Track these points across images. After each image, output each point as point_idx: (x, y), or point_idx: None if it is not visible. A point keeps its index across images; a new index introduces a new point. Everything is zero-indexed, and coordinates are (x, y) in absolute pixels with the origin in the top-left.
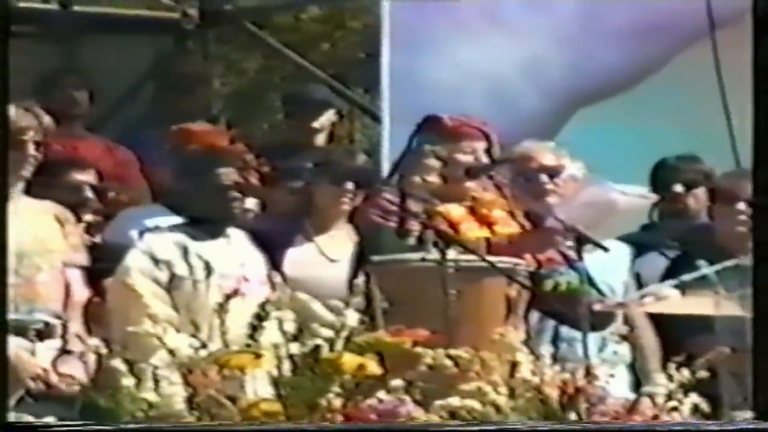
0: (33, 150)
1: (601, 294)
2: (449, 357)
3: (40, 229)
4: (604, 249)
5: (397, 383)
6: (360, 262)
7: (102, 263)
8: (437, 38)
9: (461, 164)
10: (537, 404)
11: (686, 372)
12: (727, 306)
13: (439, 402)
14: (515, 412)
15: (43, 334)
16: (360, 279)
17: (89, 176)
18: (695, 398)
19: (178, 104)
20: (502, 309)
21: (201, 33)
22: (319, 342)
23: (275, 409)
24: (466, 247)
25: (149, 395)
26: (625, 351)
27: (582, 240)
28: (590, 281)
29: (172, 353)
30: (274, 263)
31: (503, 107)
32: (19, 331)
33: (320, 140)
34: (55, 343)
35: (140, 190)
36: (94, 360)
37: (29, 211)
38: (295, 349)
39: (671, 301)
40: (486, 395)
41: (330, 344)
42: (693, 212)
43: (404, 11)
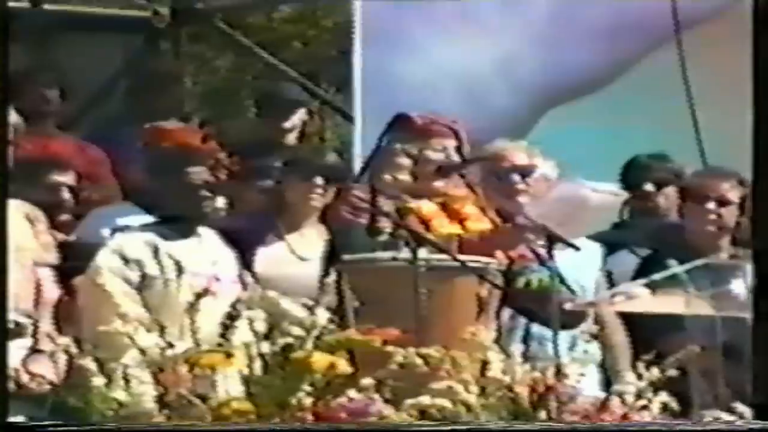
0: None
1: (572, 292)
2: (420, 356)
3: (10, 228)
4: (575, 248)
5: (368, 382)
6: (331, 261)
7: (72, 262)
8: (410, 36)
9: (432, 162)
10: (507, 403)
11: (656, 371)
12: (698, 305)
13: (410, 401)
14: (486, 411)
15: (14, 334)
16: (331, 278)
17: (64, 176)
18: (665, 397)
19: (150, 103)
20: (473, 308)
21: (173, 31)
22: (290, 341)
23: (246, 408)
24: (438, 246)
25: (120, 394)
26: (596, 350)
27: (553, 239)
28: (561, 279)
29: (143, 352)
30: (246, 262)
31: (476, 105)
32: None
33: (291, 139)
34: (26, 343)
35: (111, 189)
36: (65, 359)
37: None
38: (266, 348)
39: (642, 300)
40: (457, 394)
41: (300, 343)
42: (664, 211)
43: (377, 9)
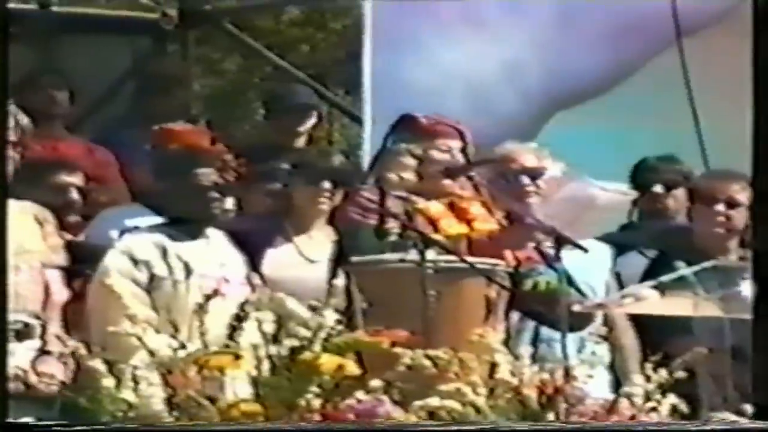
0: (9, 150)
1: (581, 294)
2: (428, 357)
3: (19, 230)
4: (584, 250)
5: (376, 384)
6: (339, 263)
7: (81, 264)
8: (418, 40)
9: (437, 162)
10: (516, 405)
11: (664, 372)
12: (706, 307)
13: (418, 402)
14: (494, 413)
15: (22, 335)
16: (339, 279)
17: (73, 177)
18: (673, 399)
19: (158, 105)
20: (481, 310)
21: (180, 34)
22: (298, 342)
23: (254, 410)
24: (446, 248)
25: (129, 395)
26: (604, 351)
27: (561, 241)
28: (570, 281)
29: (152, 354)
30: (254, 264)
31: (483, 109)
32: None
33: (301, 142)
34: (34, 344)
35: (119, 191)
36: (74, 360)
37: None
38: (274, 350)
39: (650, 302)
40: (465, 396)
41: (309, 345)
42: (672, 213)
43: (385, 12)
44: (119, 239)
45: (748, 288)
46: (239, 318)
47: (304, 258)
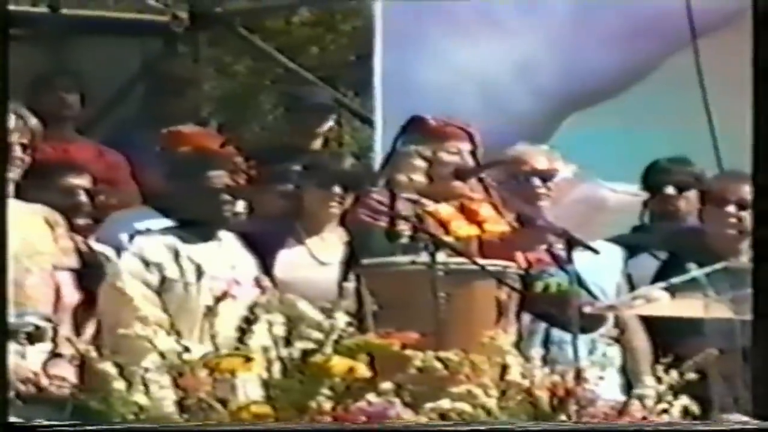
0: (20, 152)
1: (592, 296)
2: (439, 359)
3: (30, 232)
4: (595, 252)
5: (387, 386)
6: (350, 265)
7: (92, 266)
8: (429, 40)
9: (446, 164)
10: (527, 407)
11: (675, 374)
12: (717, 308)
13: (429, 404)
14: (505, 415)
15: (34, 337)
16: (350, 282)
17: (83, 180)
18: (685, 400)
19: (168, 107)
20: (492, 311)
21: (191, 36)
22: (309, 345)
23: (265, 412)
24: (456, 250)
25: (140, 398)
26: (616, 353)
27: (572, 242)
28: (580, 283)
29: (163, 356)
30: (265, 266)
31: (496, 110)
32: (10, 335)
33: (316, 144)
34: (46, 346)
35: (130, 193)
36: (85, 363)
37: (19, 214)
38: (285, 352)
39: (661, 304)
40: (476, 398)
41: (320, 347)
42: (684, 214)
43: (396, 13)
44: (130, 242)
45: None
46: (249, 320)
47: (316, 260)
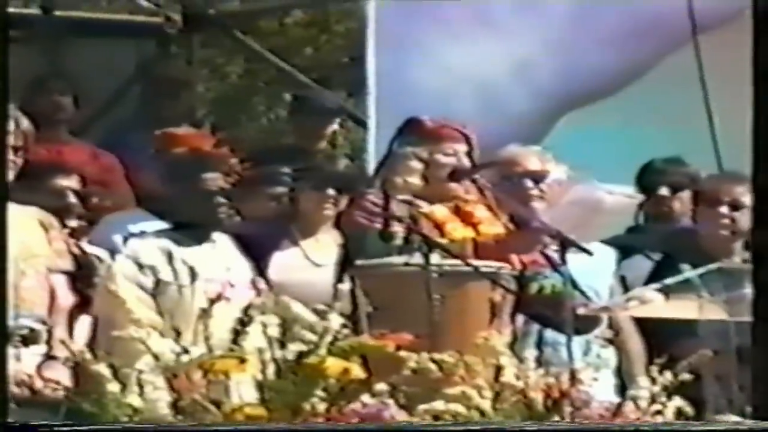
0: (12, 155)
1: (586, 297)
2: (433, 361)
3: (25, 235)
4: (589, 253)
5: (381, 387)
6: (345, 267)
7: (87, 269)
8: (423, 41)
9: (442, 165)
10: (521, 408)
11: (669, 375)
12: (711, 309)
13: (424, 406)
14: (499, 416)
15: (28, 340)
16: (345, 283)
17: (72, 181)
18: (679, 401)
19: (162, 109)
20: (486, 313)
21: (184, 37)
22: (303, 346)
23: (259, 414)
24: (450, 252)
25: (134, 400)
26: (610, 354)
27: (566, 244)
28: (574, 285)
29: (157, 358)
30: (260, 268)
31: (491, 110)
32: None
33: (321, 147)
34: (40, 349)
35: (124, 196)
36: (79, 365)
37: (13, 217)
38: (279, 354)
39: (655, 305)
40: (470, 399)
41: (314, 348)
42: (678, 215)
43: (390, 14)
44: (124, 244)
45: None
46: (243, 322)
47: (310, 262)
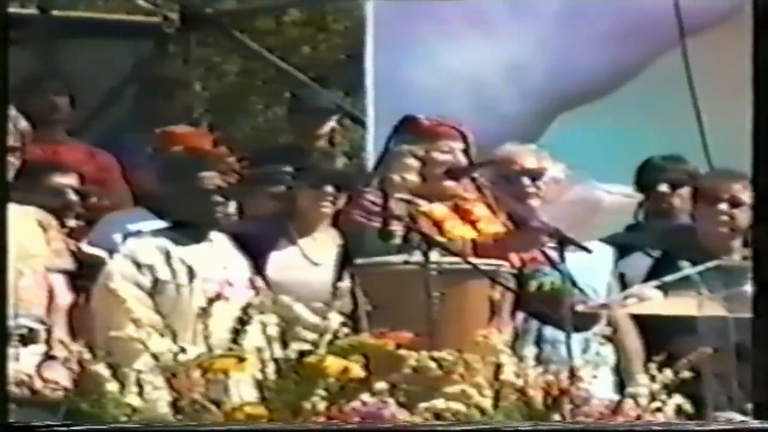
0: (9, 155)
1: (584, 295)
2: (433, 359)
3: (23, 235)
4: (588, 251)
5: (381, 386)
6: (344, 265)
7: (85, 268)
8: (420, 41)
9: (439, 163)
10: (521, 406)
11: (669, 372)
12: (710, 306)
13: (424, 404)
14: (500, 415)
15: (27, 340)
16: (344, 282)
17: (71, 179)
18: (678, 399)
19: (160, 108)
20: (486, 311)
21: (182, 37)
22: (303, 345)
23: (259, 413)
24: (449, 250)
25: (133, 400)
26: (609, 352)
27: (565, 242)
28: (573, 282)
29: (156, 357)
30: (258, 267)
31: (486, 110)
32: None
33: (319, 145)
34: (39, 349)
35: (122, 195)
36: (78, 365)
37: (11, 217)
38: (279, 353)
39: (654, 302)
40: (470, 397)
41: (314, 347)
42: (678, 212)
43: (387, 14)
44: (122, 243)
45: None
46: (242, 321)
47: (308, 260)
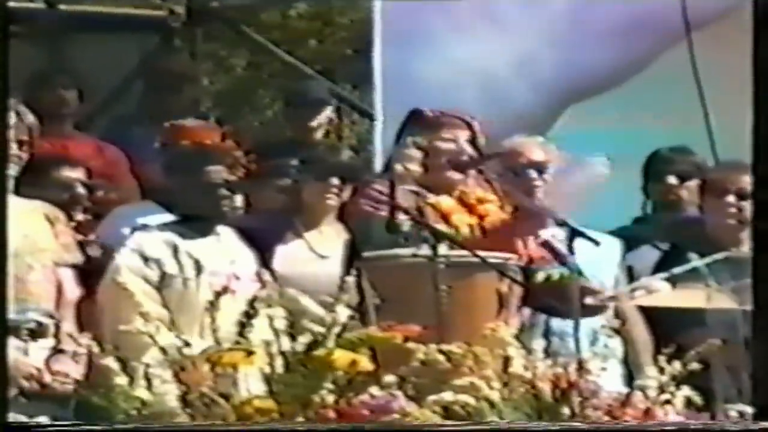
0: (16, 149)
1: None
2: (441, 352)
3: (31, 229)
4: (596, 243)
5: (390, 379)
6: (351, 258)
7: (94, 262)
8: (428, 34)
9: (442, 152)
10: (530, 399)
11: (678, 365)
12: (719, 298)
13: (433, 397)
14: (508, 407)
15: (36, 334)
16: (351, 275)
17: (79, 173)
18: (687, 391)
19: (167, 102)
20: (494, 304)
21: (188, 30)
22: (311, 338)
23: (268, 406)
24: (457, 242)
25: (142, 393)
26: (617, 344)
27: (574, 233)
28: (581, 275)
29: (164, 351)
30: (264, 260)
31: (495, 104)
32: (12, 331)
33: (315, 137)
34: (48, 343)
35: (130, 189)
36: (87, 359)
37: (19, 211)
38: (287, 346)
39: (662, 294)
40: (479, 390)
41: (322, 340)
42: (686, 204)
43: (395, 7)
44: (130, 237)
45: None
46: (249, 314)
47: (315, 253)
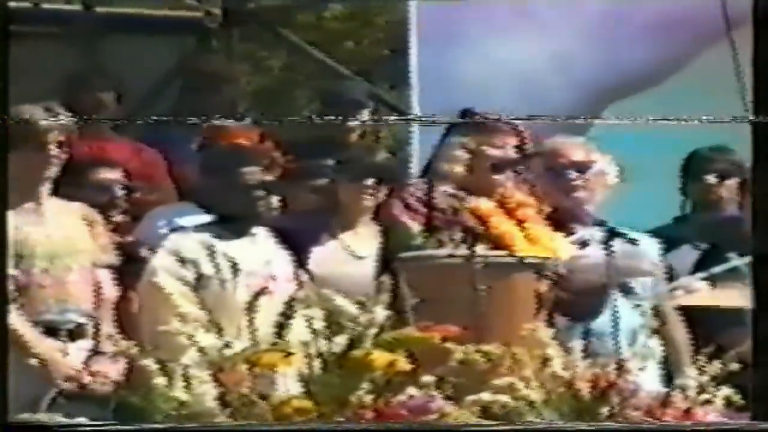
0: (56, 150)
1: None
2: (480, 352)
3: (69, 230)
4: (634, 243)
5: (428, 379)
6: (388, 259)
7: (131, 263)
8: (465, 34)
9: (489, 157)
10: (569, 399)
11: (717, 364)
12: None
13: (471, 397)
14: (547, 407)
15: (75, 335)
16: (387, 275)
17: (116, 175)
18: (727, 391)
19: (204, 103)
20: (532, 304)
21: (224, 32)
22: (349, 339)
23: (306, 407)
24: (496, 243)
25: (181, 394)
26: (656, 344)
27: (612, 233)
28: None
29: (202, 352)
30: (300, 261)
31: (533, 103)
32: (51, 332)
33: (352, 138)
34: (87, 344)
35: (167, 191)
36: (126, 360)
37: (58, 212)
38: (325, 347)
39: (702, 294)
40: (518, 390)
41: (359, 341)
42: (725, 203)
43: (432, 7)
44: (167, 239)
45: None
46: (286, 315)
47: (351, 254)
